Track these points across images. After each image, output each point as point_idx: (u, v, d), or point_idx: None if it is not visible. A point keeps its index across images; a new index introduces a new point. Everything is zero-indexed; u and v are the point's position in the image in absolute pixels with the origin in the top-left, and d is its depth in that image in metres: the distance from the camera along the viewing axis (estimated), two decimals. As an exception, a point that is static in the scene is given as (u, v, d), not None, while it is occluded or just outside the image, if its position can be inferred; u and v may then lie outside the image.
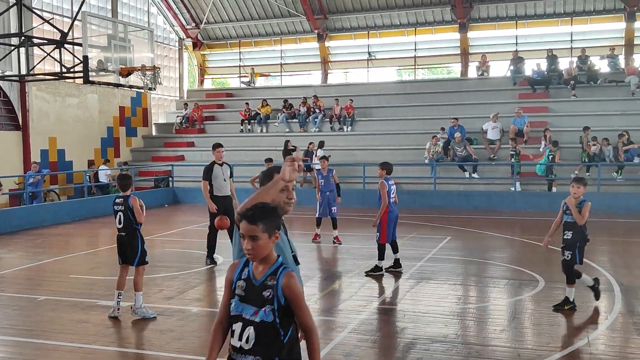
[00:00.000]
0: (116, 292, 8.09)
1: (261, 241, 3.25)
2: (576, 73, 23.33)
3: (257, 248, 3.25)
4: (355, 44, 29.72)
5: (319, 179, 13.55)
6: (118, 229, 8.11)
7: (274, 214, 3.35)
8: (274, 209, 3.39)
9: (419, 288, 9.42)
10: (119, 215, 8.05)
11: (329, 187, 13.42)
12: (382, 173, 10.55)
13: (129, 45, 15.25)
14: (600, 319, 7.82)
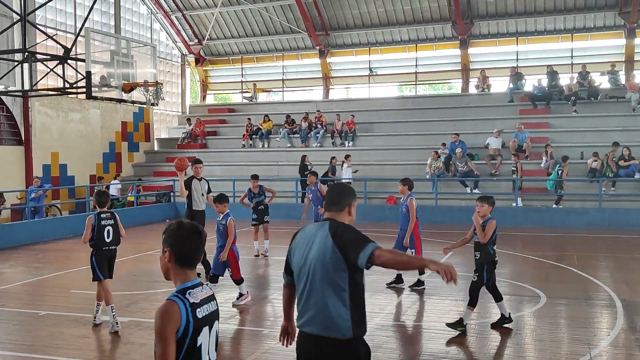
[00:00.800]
0: (108, 308, 8.13)
1: (160, 259, 3.10)
2: (577, 89, 23.41)
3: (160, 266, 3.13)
4: (357, 60, 29.87)
5: (308, 193, 13.83)
6: (107, 243, 8.21)
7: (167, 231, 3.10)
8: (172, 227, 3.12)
9: (420, 303, 9.40)
10: (108, 230, 8.19)
11: (318, 201, 13.67)
12: (404, 189, 10.51)
13: (131, 61, 15.33)
14: (602, 335, 7.79)
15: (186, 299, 3.00)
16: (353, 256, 3.64)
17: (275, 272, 12.59)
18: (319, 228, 3.88)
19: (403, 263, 3.74)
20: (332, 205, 3.97)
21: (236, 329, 8.24)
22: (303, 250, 3.87)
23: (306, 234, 3.95)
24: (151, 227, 19.03)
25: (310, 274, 3.78)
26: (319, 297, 3.73)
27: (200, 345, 3.02)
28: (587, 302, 9.49)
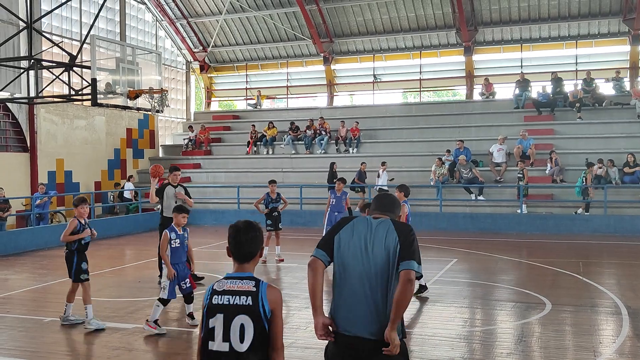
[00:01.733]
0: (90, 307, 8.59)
1: None
2: (581, 95, 23.39)
3: None
4: (361, 66, 29.91)
5: (332, 197, 13.66)
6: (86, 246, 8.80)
7: None
8: None
9: (425, 310, 9.38)
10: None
11: (339, 208, 13.53)
12: (400, 196, 10.52)
13: (137, 68, 15.39)
14: (607, 342, 7.75)
15: (214, 284, 3.46)
16: (401, 256, 3.82)
17: (279, 277, 12.58)
18: (379, 221, 4.01)
19: (398, 303, 3.78)
20: (386, 211, 4.16)
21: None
22: (356, 239, 3.93)
23: (361, 224, 4.01)
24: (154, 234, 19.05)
25: (369, 267, 3.86)
26: (374, 297, 3.82)
27: (213, 327, 3.35)
28: (592, 309, 9.45)
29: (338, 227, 4.06)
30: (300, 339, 7.94)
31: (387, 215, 4.12)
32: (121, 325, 8.60)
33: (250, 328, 3.31)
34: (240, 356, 3.30)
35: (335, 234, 4.02)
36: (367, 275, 3.86)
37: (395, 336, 3.74)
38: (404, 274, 3.76)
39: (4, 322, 9.13)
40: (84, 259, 8.71)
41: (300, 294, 10.69)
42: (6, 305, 10.23)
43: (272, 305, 3.38)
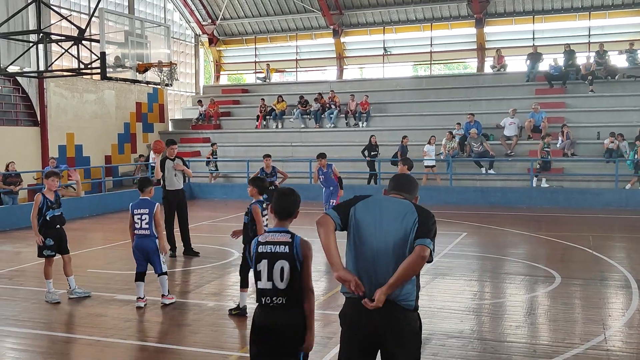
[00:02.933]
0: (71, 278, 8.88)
1: None
2: (594, 68, 23.11)
3: None
4: (371, 39, 29.66)
5: (319, 175, 13.57)
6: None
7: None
8: None
9: (434, 284, 9.40)
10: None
11: (329, 182, 13.52)
12: (403, 169, 10.50)
13: (145, 42, 15.32)
14: (617, 315, 7.76)
15: (259, 237, 4.40)
16: (418, 236, 3.83)
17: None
18: (399, 201, 4.03)
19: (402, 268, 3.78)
20: (403, 191, 4.15)
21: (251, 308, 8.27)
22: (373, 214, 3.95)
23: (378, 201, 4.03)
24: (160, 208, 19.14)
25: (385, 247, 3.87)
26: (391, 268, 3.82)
27: (259, 271, 4.26)
28: (602, 282, 9.45)
29: (355, 200, 4.07)
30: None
31: (403, 195, 4.11)
32: (132, 298, 8.67)
33: (287, 270, 4.18)
34: (280, 292, 4.19)
35: (351, 206, 4.03)
36: (382, 251, 3.87)
37: (383, 298, 3.73)
38: (419, 249, 3.77)
39: (17, 294, 9.26)
40: (49, 234, 8.79)
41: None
42: (19, 278, 10.36)
43: (303, 252, 4.22)
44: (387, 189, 4.24)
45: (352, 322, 3.96)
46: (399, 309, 3.87)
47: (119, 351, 6.76)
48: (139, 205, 8.30)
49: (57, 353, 6.69)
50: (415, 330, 3.96)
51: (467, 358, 6.27)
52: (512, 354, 6.38)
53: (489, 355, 6.37)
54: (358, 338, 3.94)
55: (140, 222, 8.19)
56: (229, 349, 6.62)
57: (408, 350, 3.91)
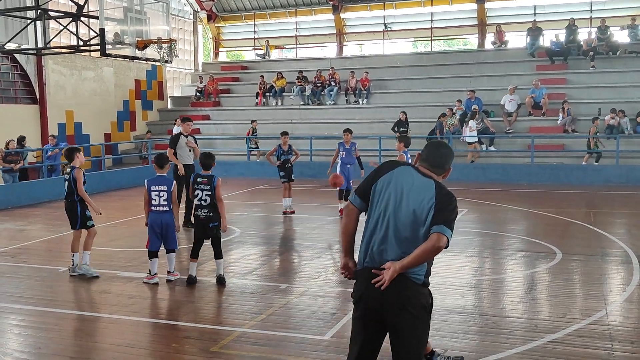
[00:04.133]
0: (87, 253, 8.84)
1: None
2: (595, 44, 22.97)
3: None
4: (371, 15, 29.42)
5: (341, 150, 13.40)
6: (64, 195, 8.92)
7: None
8: None
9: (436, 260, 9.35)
10: (66, 184, 8.86)
11: (350, 159, 13.38)
12: (400, 146, 10.50)
13: (144, 18, 15.20)
14: (617, 290, 7.81)
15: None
16: (435, 219, 3.76)
17: (291, 228, 12.67)
18: (421, 179, 3.91)
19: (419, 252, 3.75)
20: (436, 166, 4.04)
21: (254, 284, 8.35)
22: (397, 187, 3.88)
23: (405, 174, 3.94)
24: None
25: (397, 216, 3.83)
26: (403, 242, 3.81)
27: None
28: (602, 258, 9.49)
29: (377, 173, 4.00)
30: (312, 287, 8.05)
31: (435, 170, 4.01)
32: (136, 275, 8.73)
33: None
34: None
35: (373, 182, 3.98)
36: (399, 226, 3.83)
37: (394, 274, 3.72)
38: (435, 237, 3.71)
39: (21, 271, 9.29)
40: (85, 206, 8.88)
41: (311, 244, 10.79)
42: (22, 255, 10.39)
43: None
44: (421, 158, 4.09)
45: (361, 294, 3.92)
46: (409, 282, 3.81)
47: (124, 327, 6.80)
48: (156, 181, 8.33)
49: (61, 330, 6.74)
50: (423, 305, 3.88)
51: (469, 333, 6.32)
52: (514, 329, 6.43)
53: (491, 330, 6.42)
54: (367, 309, 3.91)
55: (158, 199, 8.23)
56: (233, 325, 6.67)
57: (414, 325, 3.84)
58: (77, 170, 8.73)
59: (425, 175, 3.94)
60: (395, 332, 3.88)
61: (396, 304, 3.81)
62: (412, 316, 3.83)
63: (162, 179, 8.37)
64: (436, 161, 4.04)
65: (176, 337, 6.52)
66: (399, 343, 3.87)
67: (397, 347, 3.90)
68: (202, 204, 8.07)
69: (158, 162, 8.52)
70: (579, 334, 6.25)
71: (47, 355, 5.98)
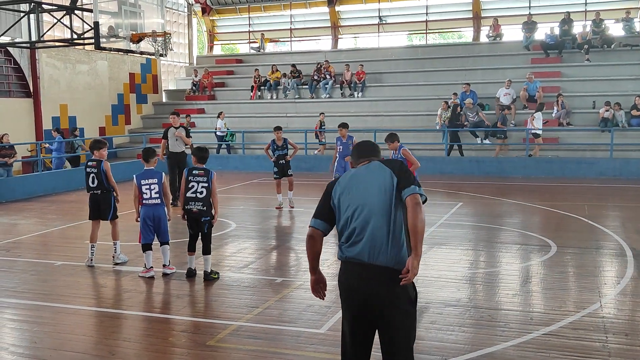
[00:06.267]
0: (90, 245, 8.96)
1: None
2: (590, 37, 23.00)
3: None
4: (366, 8, 29.39)
5: (338, 145, 13.36)
6: (92, 187, 8.95)
7: None
8: None
9: (431, 253, 9.47)
10: (92, 177, 8.91)
11: (347, 153, 13.32)
12: (394, 145, 10.58)
13: (139, 11, 15.15)
14: (612, 283, 7.85)
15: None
16: (402, 188, 3.87)
17: (287, 223, 12.68)
18: (370, 167, 4.05)
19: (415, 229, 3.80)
20: (373, 155, 4.20)
21: (250, 278, 8.36)
22: (357, 190, 3.96)
23: (357, 176, 4.03)
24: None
25: (369, 209, 3.88)
26: (380, 231, 3.85)
27: None
28: (597, 251, 9.54)
29: (327, 192, 4.09)
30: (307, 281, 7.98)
31: (372, 159, 4.15)
32: (131, 269, 8.74)
33: None
34: None
35: (329, 200, 4.06)
36: (373, 214, 3.87)
37: (416, 265, 3.80)
38: (410, 199, 3.82)
39: (16, 265, 9.28)
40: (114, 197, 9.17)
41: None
42: (17, 250, 10.37)
43: None
44: (353, 159, 4.25)
45: (347, 288, 3.98)
46: (391, 272, 3.85)
47: (120, 321, 6.81)
48: (145, 175, 8.36)
49: (57, 324, 6.73)
50: (411, 299, 3.95)
51: (465, 326, 6.35)
52: (509, 322, 6.46)
53: (486, 322, 6.45)
54: (355, 305, 3.95)
55: (149, 192, 8.26)
56: (229, 319, 6.68)
57: (403, 321, 3.90)
58: (106, 163, 8.95)
59: (367, 163, 4.11)
60: (385, 328, 3.91)
61: (386, 300, 3.85)
62: (401, 312, 3.88)
63: (152, 172, 8.41)
64: (371, 152, 4.21)
65: (172, 330, 6.52)
66: (389, 338, 3.92)
67: (387, 343, 3.93)
68: (198, 196, 8.02)
69: (145, 156, 8.61)
70: (574, 326, 6.29)
71: (43, 350, 5.98)
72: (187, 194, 8.05)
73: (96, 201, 9.03)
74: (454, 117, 20.66)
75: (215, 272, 8.26)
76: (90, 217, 9.16)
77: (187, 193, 8.05)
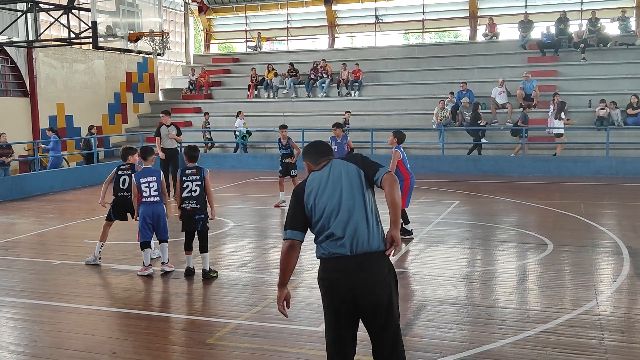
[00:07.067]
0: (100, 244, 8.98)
1: None
2: (586, 36, 23.07)
3: None
4: (362, 7, 29.41)
5: (333, 144, 13.37)
6: (123, 189, 8.82)
7: None
8: None
9: (428, 252, 9.52)
10: (124, 179, 8.81)
11: (342, 152, 13.36)
12: (392, 141, 10.42)
13: (136, 10, 15.16)
14: (608, 281, 7.91)
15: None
16: (372, 176, 4.03)
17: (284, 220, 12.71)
18: (331, 167, 4.13)
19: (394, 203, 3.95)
20: (329, 154, 4.28)
21: (248, 277, 8.40)
22: (329, 190, 4.03)
23: (321, 178, 4.09)
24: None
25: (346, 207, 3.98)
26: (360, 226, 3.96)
27: None
28: (593, 249, 9.60)
29: (298, 199, 4.11)
30: (306, 279, 8.10)
31: (328, 158, 4.22)
32: (130, 267, 8.76)
33: None
34: None
35: (302, 208, 4.09)
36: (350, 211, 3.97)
37: (398, 235, 3.97)
38: (386, 177, 3.99)
39: (14, 265, 9.29)
40: None
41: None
42: (15, 249, 10.39)
43: None
44: (311, 161, 4.25)
45: (332, 284, 4.02)
46: (377, 255, 3.98)
47: (119, 320, 6.84)
48: (144, 173, 8.40)
49: (56, 323, 6.76)
50: (394, 275, 4.08)
51: (462, 324, 6.39)
52: (506, 320, 6.50)
53: (483, 320, 6.49)
54: (339, 300, 3.99)
55: (148, 190, 8.30)
56: (228, 317, 6.72)
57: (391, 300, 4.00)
58: (139, 166, 8.91)
59: (327, 164, 4.17)
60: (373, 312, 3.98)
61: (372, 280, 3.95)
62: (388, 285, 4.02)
63: (150, 170, 8.46)
64: (328, 150, 4.30)
65: (172, 329, 6.56)
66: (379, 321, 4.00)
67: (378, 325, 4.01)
68: (192, 194, 8.10)
69: (143, 155, 8.64)
70: (571, 323, 6.34)
71: (43, 348, 6.00)
72: (183, 194, 8.14)
73: (124, 203, 8.90)
74: (476, 116, 20.36)
75: (213, 271, 8.28)
76: (111, 217, 9.04)
77: (183, 193, 8.14)
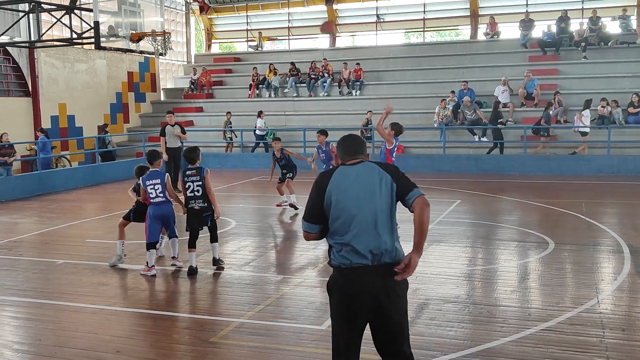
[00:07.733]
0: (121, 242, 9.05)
1: None
2: (587, 35, 23.08)
3: None
4: (364, 6, 29.43)
5: (320, 153, 13.20)
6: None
7: None
8: None
9: (430, 250, 9.55)
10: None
11: (330, 158, 13.33)
12: (390, 133, 10.48)
13: (138, 10, 15.20)
14: (609, 279, 7.93)
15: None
16: (404, 193, 3.98)
17: (286, 220, 12.74)
18: (362, 167, 4.04)
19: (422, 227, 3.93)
20: (361, 153, 4.16)
21: (251, 276, 8.44)
22: (355, 193, 3.95)
23: (351, 177, 4.00)
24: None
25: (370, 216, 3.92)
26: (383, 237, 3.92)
27: None
28: (594, 247, 9.62)
29: (319, 190, 4.01)
30: (308, 278, 8.15)
31: (361, 158, 4.13)
32: (133, 267, 8.81)
33: None
34: None
35: (321, 201, 3.99)
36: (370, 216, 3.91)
37: (416, 260, 3.93)
38: (420, 200, 3.95)
39: (18, 264, 9.34)
40: None
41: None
42: (18, 249, 10.43)
43: None
44: (341, 155, 4.15)
45: (349, 293, 3.93)
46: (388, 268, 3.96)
47: (123, 319, 6.87)
48: (150, 176, 8.54)
49: (60, 321, 6.80)
50: (406, 287, 4.13)
51: (464, 322, 6.42)
52: (507, 318, 6.54)
53: (485, 319, 6.52)
54: (355, 309, 3.94)
55: (154, 192, 8.44)
56: (231, 316, 6.75)
57: (402, 307, 4.04)
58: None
59: (360, 163, 4.08)
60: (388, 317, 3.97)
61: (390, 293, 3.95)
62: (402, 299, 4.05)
63: (155, 173, 8.62)
64: (360, 149, 4.17)
65: (176, 328, 6.60)
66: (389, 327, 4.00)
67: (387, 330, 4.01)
68: (196, 194, 8.34)
69: (149, 159, 8.78)
70: (572, 322, 6.37)
71: (47, 347, 6.04)
72: (187, 194, 8.40)
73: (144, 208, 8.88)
74: (497, 115, 20.21)
75: (221, 260, 8.67)
76: (130, 218, 9.05)
77: (187, 193, 8.40)
